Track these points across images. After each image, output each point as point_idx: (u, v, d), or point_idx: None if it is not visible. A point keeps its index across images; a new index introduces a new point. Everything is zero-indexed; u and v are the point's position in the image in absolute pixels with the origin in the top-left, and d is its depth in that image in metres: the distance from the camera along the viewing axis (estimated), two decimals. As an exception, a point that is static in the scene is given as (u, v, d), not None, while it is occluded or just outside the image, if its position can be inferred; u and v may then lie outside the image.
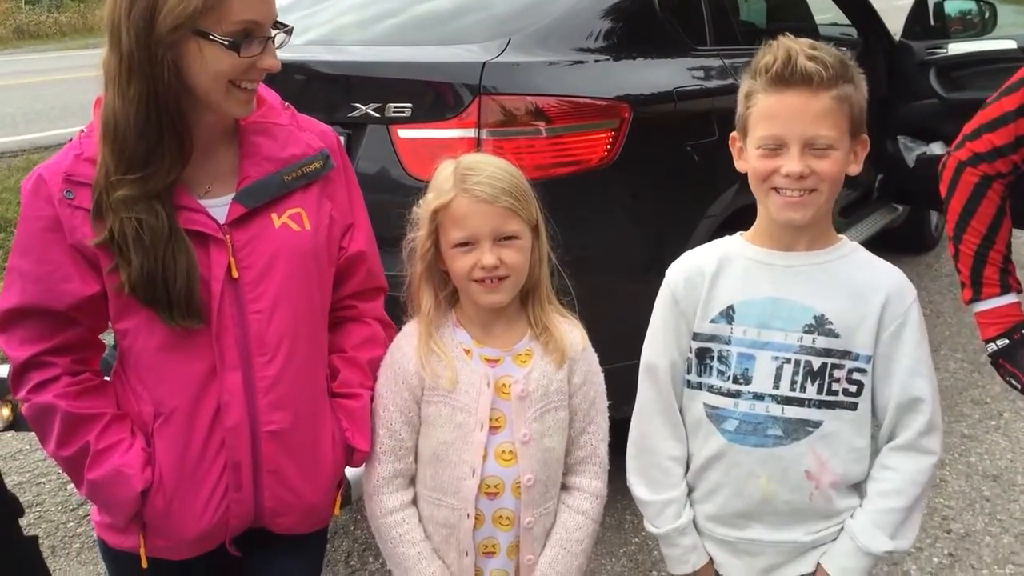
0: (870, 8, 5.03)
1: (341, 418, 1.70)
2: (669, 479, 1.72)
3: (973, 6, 5.58)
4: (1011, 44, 4.71)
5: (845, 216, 4.48)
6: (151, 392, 1.57)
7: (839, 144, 1.54)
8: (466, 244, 1.61)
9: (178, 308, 1.50)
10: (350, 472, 1.97)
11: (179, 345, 1.55)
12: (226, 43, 1.45)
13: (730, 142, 1.68)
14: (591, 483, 1.75)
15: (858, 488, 1.68)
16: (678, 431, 1.72)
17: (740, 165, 1.65)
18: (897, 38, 5.18)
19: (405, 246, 1.70)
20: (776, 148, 1.55)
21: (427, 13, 3.40)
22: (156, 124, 1.48)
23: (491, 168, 1.63)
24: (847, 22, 5.25)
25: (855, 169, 1.61)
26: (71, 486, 3.47)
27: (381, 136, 2.79)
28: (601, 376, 1.76)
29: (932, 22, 5.49)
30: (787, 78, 1.53)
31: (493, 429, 1.65)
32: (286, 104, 1.71)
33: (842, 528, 1.66)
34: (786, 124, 1.54)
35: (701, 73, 3.38)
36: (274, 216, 1.59)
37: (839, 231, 1.74)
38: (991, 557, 2.90)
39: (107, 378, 1.66)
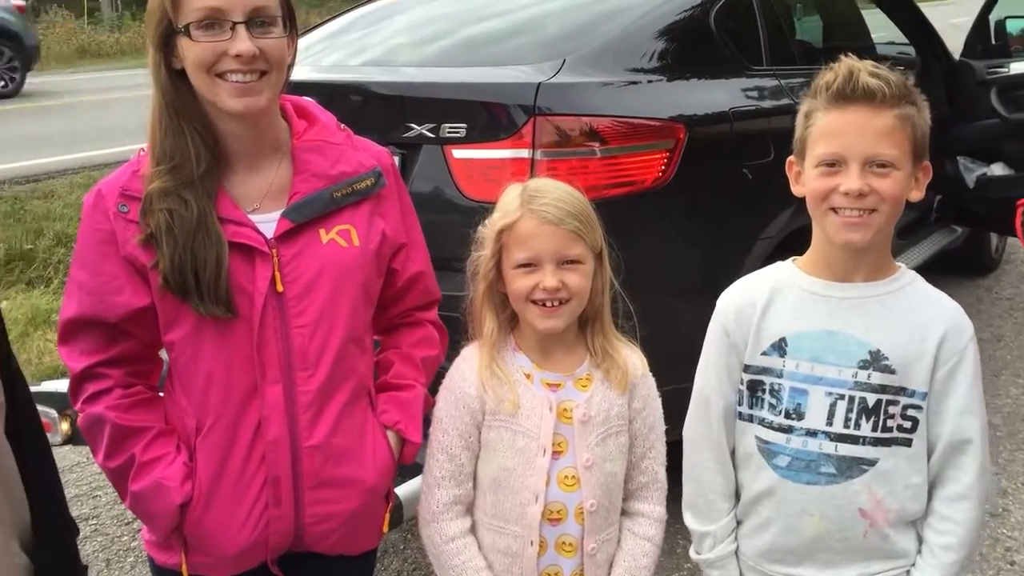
0: (928, 26, 4.95)
1: (390, 409, 1.71)
2: (712, 512, 1.70)
3: (1035, 25, 5.48)
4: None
5: (903, 237, 4.40)
6: (195, 405, 1.60)
7: (900, 164, 1.51)
8: (528, 265, 1.61)
9: (208, 296, 1.52)
10: (401, 491, 1.98)
11: (222, 358, 1.57)
12: (183, 31, 1.50)
13: (787, 167, 1.65)
14: (654, 508, 1.74)
15: (914, 524, 1.63)
16: (725, 466, 1.69)
17: (797, 190, 1.62)
18: (956, 57, 5.10)
19: (469, 266, 1.71)
20: (835, 166, 1.52)
21: (478, 35, 3.42)
22: (175, 119, 1.55)
23: (558, 191, 1.64)
24: (905, 41, 5.18)
25: (916, 196, 1.57)
26: (120, 507, 3.52)
27: (435, 156, 2.80)
28: (659, 401, 1.75)
29: (993, 41, 5.40)
30: (849, 94, 1.50)
31: (555, 454, 1.64)
32: (342, 126, 1.72)
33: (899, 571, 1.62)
34: (846, 141, 1.50)
35: (757, 93, 3.36)
36: (322, 232, 1.61)
37: (896, 253, 1.70)
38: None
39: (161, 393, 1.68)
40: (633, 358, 1.71)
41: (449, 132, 2.77)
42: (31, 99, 13.04)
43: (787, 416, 1.61)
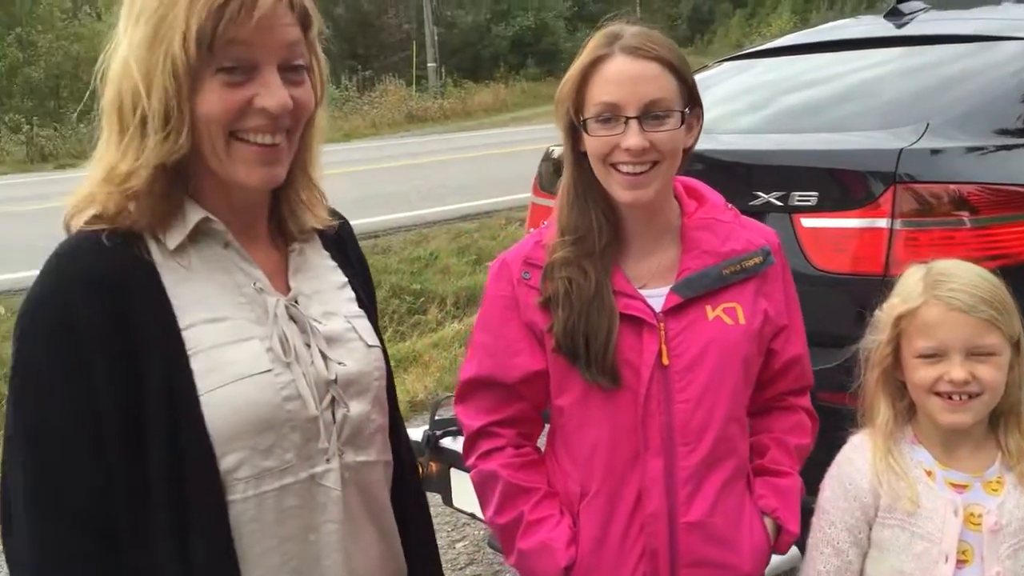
0: None
1: (768, 495, 1.66)
2: None
3: None
4: None
5: None
6: (580, 471, 1.64)
7: None
8: (933, 355, 1.50)
9: (596, 364, 1.57)
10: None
11: (608, 426, 1.61)
12: (581, 124, 1.60)
13: None
14: None
15: None
16: None
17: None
18: None
19: (861, 350, 1.63)
20: None
21: (813, 100, 3.31)
22: (582, 196, 1.64)
23: (969, 275, 1.52)
24: None
25: None
26: (459, 544, 3.68)
27: (783, 225, 2.71)
28: None
29: None
30: None
31: (959, 563, 1.51)
32: (729, 205, 1.72)
33: None
34: None
35: None
36: (708, 308, 1.60)
37: None
38: None
39: None
40: None
41: (799, 200, 2.68)
42: (368, 162, 14.33)
43: None
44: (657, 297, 1.62)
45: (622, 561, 1.61)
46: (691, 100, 1.61)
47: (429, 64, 29.15)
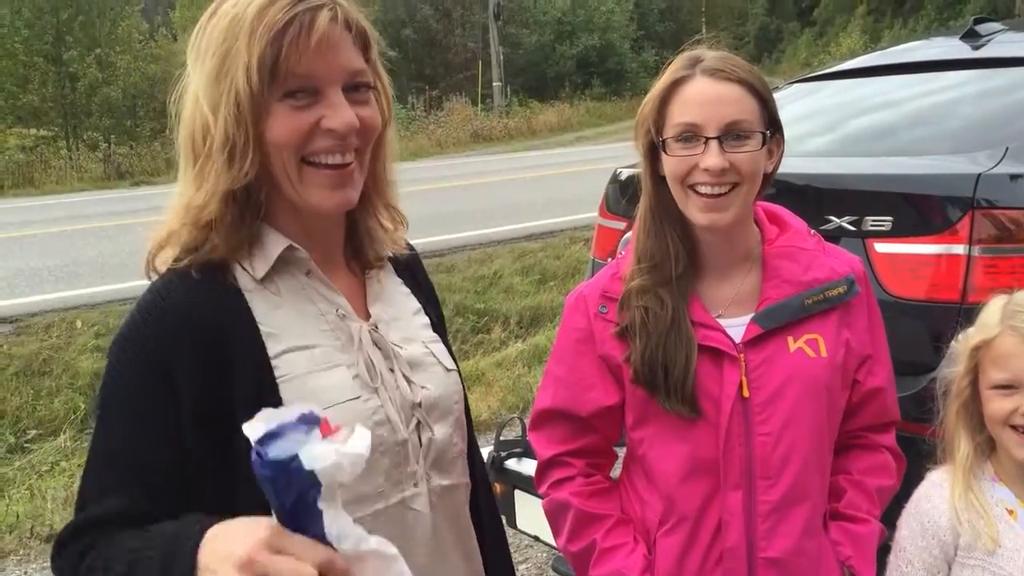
0: None
1: (843, 542, 1.62)
2: None
3: None
4: None
5: None
6: (658, 499, 1.63)
7: None
8: (1008, 387, 1.46)
9: (674, 394, 1.56)
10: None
11: (688, 457, 1.60)
12: (661, 144, 1.59)
13: None
14: None
15: None
16: None
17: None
18: None
19: (939, 383, 1.59)
20: None
21: (871, 127, 3.26)
22: (658, 222, 1.63)
23: None
24: None
25: None
26: (522, 566, 3.67)
27: (855, 250, 2.66)
28: None
29: None
30: None
31: None
32: (812, 231, 1.70)
33: None
34: None
35: None
36: (790, 340, 1.58)
37: None
38: None
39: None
40: None
41: (872, 225, 2.63)
42: (434, 181, 14.45)
43: None
44: (737, 327, 1.60)
45: None
46: (772, 123, 1.59)
47: (494, 83, 29.34)
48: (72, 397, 5.72)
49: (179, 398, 1.26)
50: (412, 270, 1.60)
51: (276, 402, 1.29)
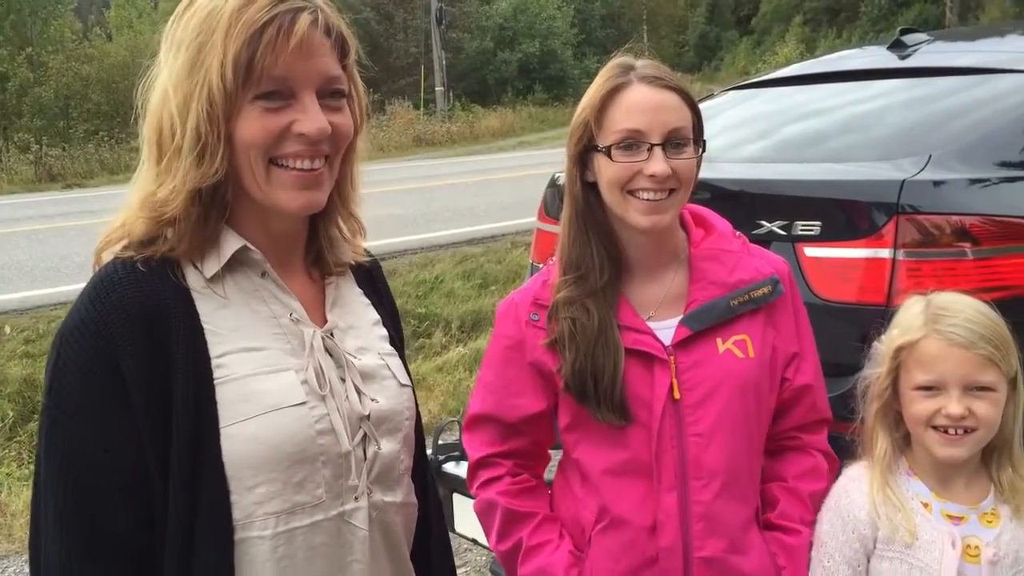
0: None
1: (777, 553, 1.64)
2: None
3: None
4: None
5: None
6: (593, 498, 1.64)
7: None
8: (931, 388, 1.51)
9: (604, 404, 1.57)
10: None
11: (621, 460, 1.62)
12: (603, 151, 1.59)
13: None
14: None
15: None
16: None
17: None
18: None
19: (860, 382, 1.63)
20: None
21: (802, 134, 3.34)
22: (583, 230, 1.63)
23: (969, 311, 1.53)
24: None
25: None
26: (461, 571, 3.67)
27: (785, 254, 2.71)
28: None
29: None
30: None
31: None
32: (737, 233, 1.73)
33: None
34: None
35: None
36: (719, 341, 1.61)
37: None
38: None
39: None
40: None
41: (802, 230, 2.69)
42: (376, 185, 14.37)
43: None
44: (666, 329, 1.62)
45: None
46: (701, 132, 1.63)
47: (437, 88, 29.30)
48: (0, 405, 5.57)
49: (128, 390, 1.24)
50: (373, 280, 1.58)
51: (212, 405, 1.27)
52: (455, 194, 13.59)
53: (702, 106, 4.30)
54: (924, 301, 1.59)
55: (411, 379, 1.53)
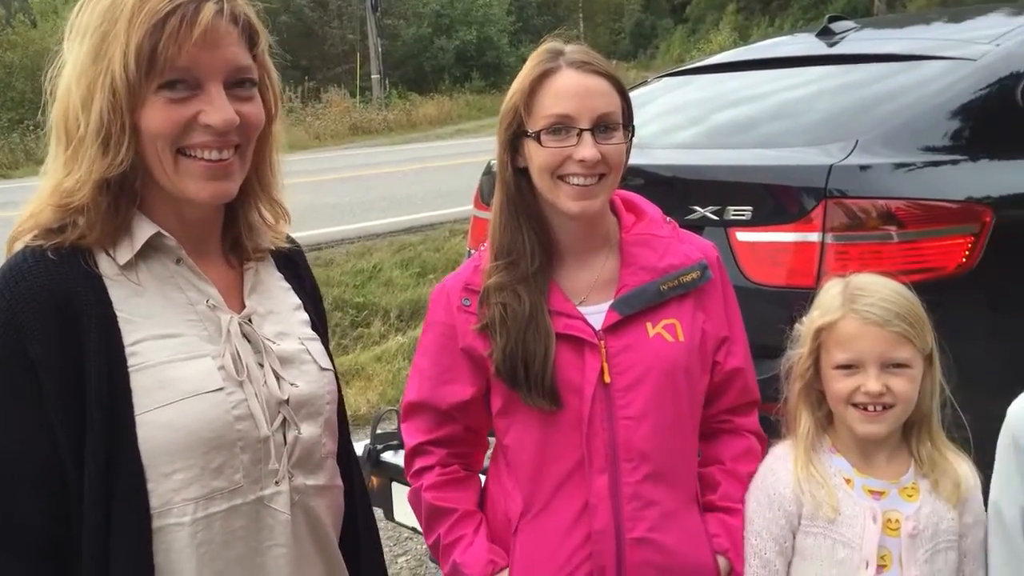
0: None
1: (720, 534, 1.67)
2: None
3: None
4: None
5: None
6: (522, 489, 1.64)
7: None
8: (850, 367, 1.54)
9: (535, 389, 1.58)
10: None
11: (551, 445, 1.62)
12: (533, 136, 1.58)
13: None
14: None
15: None
16: None
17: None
18: None
19: (783, 363, 1.66)
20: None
21: (734, 120, 3.38)
22: (515, 216, 1.63)
23: (885, 290, 1.57)
24: None
25: None
26: (401, 559, 3.67)
27: (718, 239, 2.75)
28: (986, 514, 1.61)
29: None
30: None
31: (879, 568, 1.55)
32: (668, 219, 1.75)
33: None
34: None
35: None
36: (649, 325, 1.63)
37: None
38: None
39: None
40: (964, 468, 1.59)
41: (734, 215, 2.74)
42: (312, 174, 14.21)
43: None
44: (597, 314, 1.63)
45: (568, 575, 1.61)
46: (630, 118, 1.64)
47: (373, 76, 29.00)
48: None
49: (40, 380, 1.23)
50: (295, 266, 1.57)
51: (126, 393, 1.26)
52: (392, 182, 13.49)
53: (635, 93, 4.35)
54: (843, 283, 1.63)
55: (333, 363, 1.53)
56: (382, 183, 13.59)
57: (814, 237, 2.61)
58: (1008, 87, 3.04)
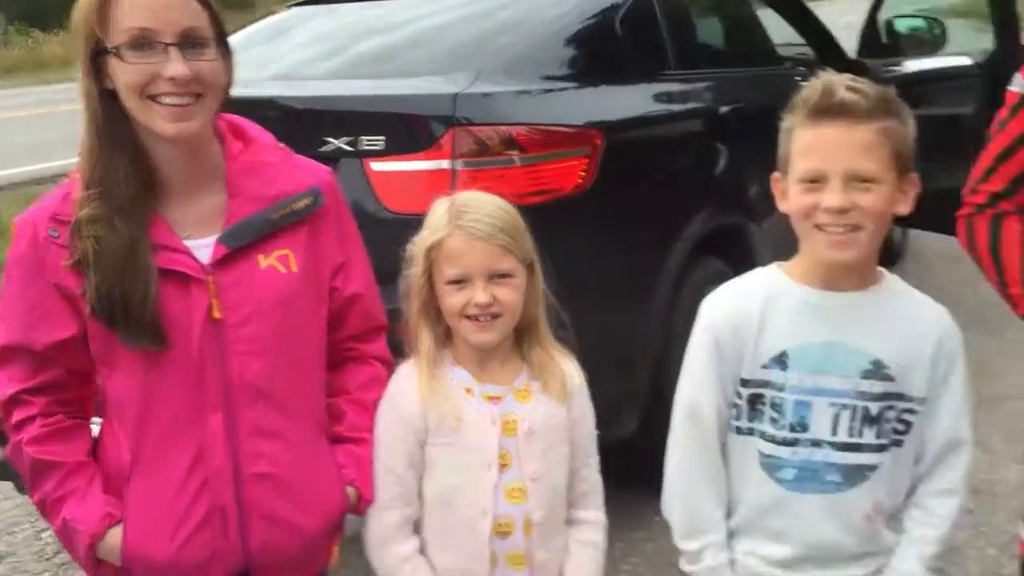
0: (822, 26, 5.10)
1: (348, 464, 1.67)
2: (710, 524, 1.66)
3: (923, 23, 5.70)
4: (966, 60, 4.82)
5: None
6: (130, 437, 1.55)
7: (883, 179, 1.50)
8: (459, 281, 1.60)
9: (135, 328, 1.48)
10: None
11: (159, 387, 1.53)
12: (113, 52, 1.45)
13: (772, 183, 1.63)
14: (597, 515, 1.76)
15: (895, 518, 1.67)
16: (720, 477, 1.67)
17: (783, 206, 1.60)
18: (852, 56, 5.26)
19: (401, 284, 1.69)
20: (817, 182, 1.51)
21: (381, 47, 3.38)
22: (106, 143, 1.50)
23: (487, 206, 1.63)
24: (801, 41, 5.32)
25: (904, 208, 1.56)
26: (45, 534, 3.39)
27: (355, 170, 2.76)
28: (592, 408, 1.76)
29: (884, 40, 5.59)
30: (826, 110, 1.50)
31: (501, 467, 1.63)
32: (280, 145, 1.69)
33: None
34: (826, 157, 1.50)
35: (667, 97, 3.43)
36: (260, 257, 1.57)
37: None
38: (977, 570, 2.93)
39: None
40: (570, 367, 1.72)
41: (367, 145, 2.74)
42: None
43: (791, 430, 1.60)
44: (205, 248, 1.54)
45: (186, 520, 1.55)
46: (221, 36, 1.55)
47: (-15, 10, 25.74)
48: None
49: None
50: None
51: None
52: (16, 129, 12.14)
53: (266, 23, 4.17)
54: (448, 201, 1.67)
55: None
56: (7, 129, 12.21)
57: (445, 164, 2.69)
58: (608, 17, 3.29)
